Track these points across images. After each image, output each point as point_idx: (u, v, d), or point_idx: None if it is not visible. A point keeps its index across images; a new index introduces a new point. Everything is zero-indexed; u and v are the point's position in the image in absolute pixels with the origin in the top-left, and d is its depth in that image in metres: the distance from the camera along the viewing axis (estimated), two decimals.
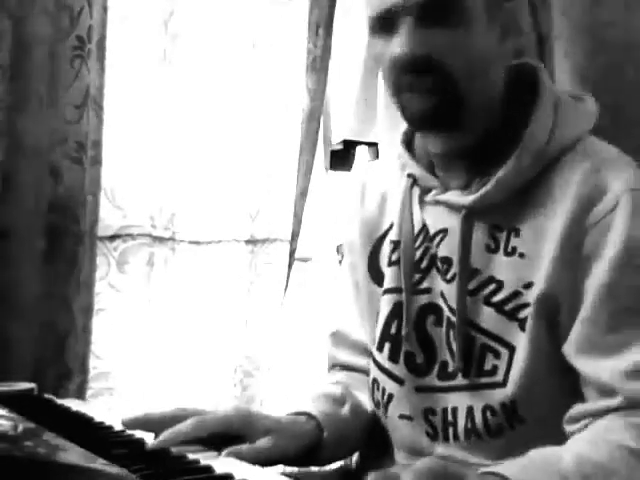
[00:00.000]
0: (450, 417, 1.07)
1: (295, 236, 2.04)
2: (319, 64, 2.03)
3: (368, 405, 1.20)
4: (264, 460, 0.95)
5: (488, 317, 1.04)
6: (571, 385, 1.00)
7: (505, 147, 1.04)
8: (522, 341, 1.01)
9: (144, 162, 1.90)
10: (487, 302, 1.04)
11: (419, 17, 0.99)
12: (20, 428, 0.93)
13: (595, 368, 0.96)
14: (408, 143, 1.17)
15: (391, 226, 1.17)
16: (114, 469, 0.78)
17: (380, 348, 1.15)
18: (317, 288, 2.35)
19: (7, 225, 1.57)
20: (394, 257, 1.14)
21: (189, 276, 1.98)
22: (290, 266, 2.05)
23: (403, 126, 1.19)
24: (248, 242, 2.06)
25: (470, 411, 1.05)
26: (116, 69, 1.80)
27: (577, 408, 0.98)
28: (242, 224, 2.05)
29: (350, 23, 2.24)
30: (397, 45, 1.00)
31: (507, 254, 1.03)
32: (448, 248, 1.07)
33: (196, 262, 2.00)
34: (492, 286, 1.04)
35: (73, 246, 1.64)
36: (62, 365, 1.62)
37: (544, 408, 1.02)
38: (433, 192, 1.10)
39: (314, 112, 2.03)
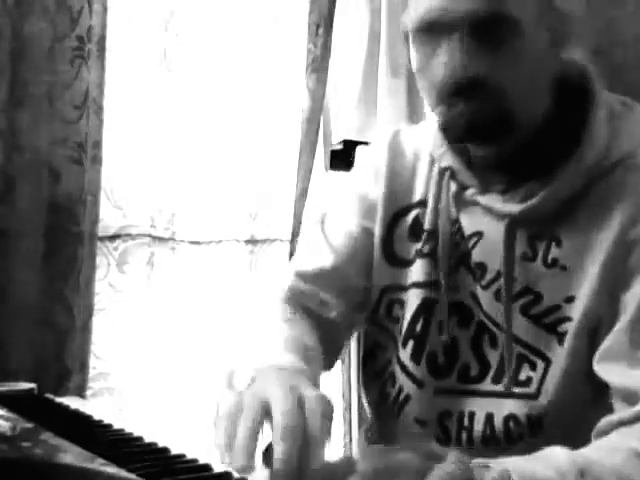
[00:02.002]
0: (466, 421, 1.04)
1: (295, 236, 2.04)
2: (319, 64, 2.03)
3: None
4: None
5: (525, 328, 1.01)
6: (600, 398, 0.98)
7: (555, 156, 1.00)
8: (560, 355, 0.99)
9: (144, 162, 1.90)
10: (524, 313, 1.01)
11: (469, 33, 0.92)
12: (19, 428, 0.93)
13: (621, 376, 0.93)
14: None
15: (419, 203, 1.11)
16: (112, 469, 0.78)
17: (404, 345, 1.10)
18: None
19: (7, 225, 1.57)
20: (426, 249, 1.08)
21: (189, 276, 1.98)
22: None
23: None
24: (248, 242, 2.06)
25: (490, 418, 1.02)
26: (116, 69, 1.81)
27: (605, 420, 0.94)
28: (242, 224, 2.05)
29: (350, 23, 2.24)
30: (442, 63, 0.93)
31: (547, 265, 1.00)
32: (484, 253, 1.04)
33: (196, 262, 2.00)
34: (530, 297, 1.00)
35: (73, 246, 1.64)
36: (62, 365, 1.62)
37: (570, 420, 1.00)
38: (471, 191, 1.05)
39: (314, 112, 2.03)
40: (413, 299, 1.09)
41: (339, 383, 2.25)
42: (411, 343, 1.09)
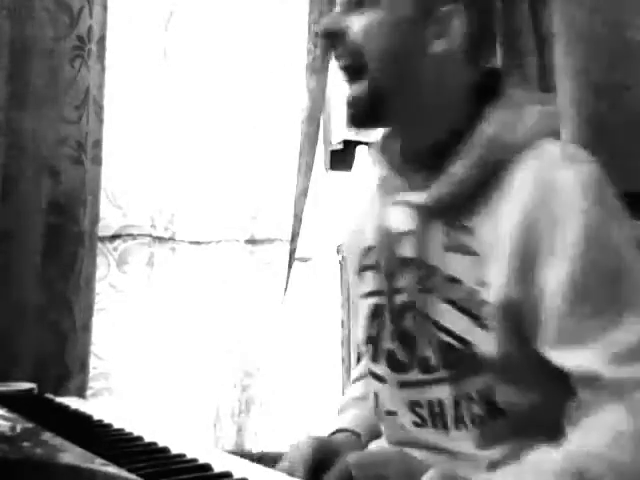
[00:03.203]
0: (437, 408, 1.09)
1: (295, 236, 2.04)
2: (319, 64, 2.03)
3: None
4: None
5: (447, 314, 1.06)
6: (551, 380, 1.01)
7: (462, 147, 1.06)
8: (484, 336, 1.03)
9: (144, 162, 1.90)
10: (446, 300, 1.06)
11: (346, 4, 1.07)
12: (19, 428, 0.93)
13: (575, 359, 0.97)
14: (382, 147, 1.20)
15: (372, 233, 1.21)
16: (112, 469, 0.78)
17: (365, 350, 1.18)
18: (317, 288, 2.35)
19: (7, 225, 1.57)
20: (368, 261, 1.17)
21: (189, 276, 1.98)
22: (290, 266, 2.05)
23: None
24: (248, 242, 2.06)
25: (456, 401, 1.07)
26: (116, 69, 1.81)
27: (571, 406, 0.98)
28: (242, 224, 2.06)
29: None
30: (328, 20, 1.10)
31: (462, 252, 1.05)
32: (412, 248, 1.10)
33: (196, 262, 2.00)
34: (450, 284, 1.06)
35: (73, 246, 1.64)
36: (62, 365, 1.62)
37: (522, 400, 1.04)
38: (399, 192, 1.13)
39: (314, 112, 2.03)
40: (365, 308, 1.17)
41: (339, 384, 2.26)
42: (370, 346, 1.16)
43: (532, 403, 1.03)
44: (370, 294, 1.17)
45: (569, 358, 0.97)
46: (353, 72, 1.06)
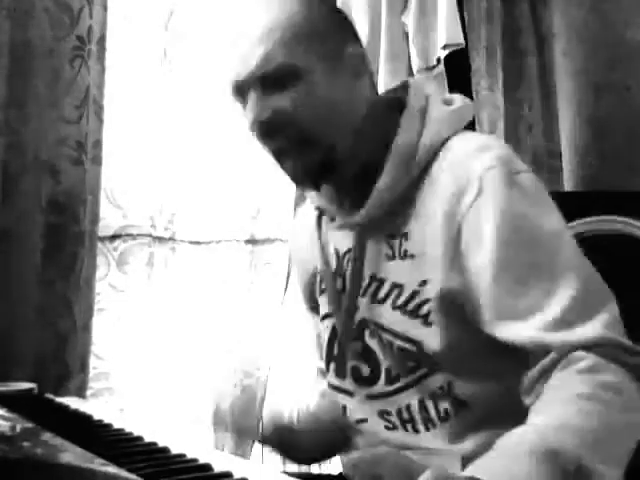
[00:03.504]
0: (405, 415, 1.13)
1: None
2: None
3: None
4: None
5: (397, 320, 1.11)
6: (508, 365, 1.03)
7: (385, 162, 1.12)
8: (429, 333, 1.07)
9: (144, 162, 1.90)
10: (394, 306, 1.11)
11: (261, 87, 1.09)
12: (19, 428, 0.93)
13: (519, 333, 1.00)
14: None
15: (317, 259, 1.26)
16: (112, 469, 0.78)
17: (327, 369, 1.23)
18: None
19: (7, 225, 1.57)
20: (323, 285, 1.23)
21: (189, 276, 1.98)
22: (290, 266, 2.05)
23: None
24: (248, 242, 2.06)
25: (422, 403, 1.11)
26: (116, 69, 1.81)
27: (525, 378, 1.00)
28: (242, 224, 2.06)
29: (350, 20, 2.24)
30: (248, 114, 1.11)
31: (402, 258, 1.11)
32: (358, 266, 1.15)
33: (196, 262, 2.00)
34: (396, 291, 1.11)
35: (73, 246, 1.64)
36: (62, 365, 1.62)
37: (483, 391, 1.08)
38: (336, 217, 1.19)
39: None
40: (324, 330, 1.23)
41: None
42: (332, 365, 1.21)
43: (492, 392, 1.08)
44: (325, 316, 1.23)
45: (513, 332, 1.01)
46: (299, 146, 1.10)
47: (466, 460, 1.02)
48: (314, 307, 1.29)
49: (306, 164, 1.11)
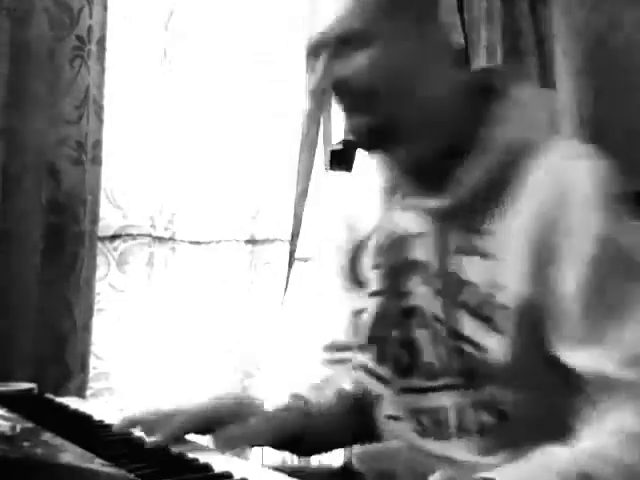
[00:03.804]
0: (440, 416, 1.08)
1: (295, 236, 2.04)
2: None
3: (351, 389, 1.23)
4: (251, 439, 1.04)
5: (462, 318, 1.05)
6: (558, 384, 1.00)
7: (473, 150, 1.06)
8: (497, 342, 1.02)
9: (144, 162, 1.90)
10: (462, 305, 1.05)
11: (341, 46, 1.05)
12: (19, 428, 0.93)
13: (587, 360, 0.96)
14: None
15: (373, 231, 1.19)
16: (112, 469, 0.78)
17: (365, 350, 1.16)
18: (317, 288, 2.35)
19: (7, 225, 1.57)
20: (377, 261, 1.16)
21: (189, 276, 1.98)
22: (290, 266, 2.05)
23: None
24: (248, 242, 2.06)
25: (460, 409, 1.06)
26: (116, 69, 1.81)
27: (581, 406, 0.97)
28: (242, 224, 2.06)
29: None
30: (326, 71, 1.06)
31: (478, 255, 1.05)
32: (424, 252, 1.09)
33: (196, 262, 2.00)
34: (467, 289, 1.05)
35: (73, 246, 1.64)
36: (62, 365, 1.62)
37: (528, 406, 1.03)
38: (408, 197, 1.13)
39: (314, 112, 2.03)
40: (370, 308, 1.15)
41: None
42: (373, 347, 1.14)
43: (537, 409, 1.02)
44: (374, 294, 1.15)
45: (581, 358, 0.97)
46: (364, 109, 1.05)
47: None
48: (354, 279, 1.21)
49: (370, 124, 1.05)
